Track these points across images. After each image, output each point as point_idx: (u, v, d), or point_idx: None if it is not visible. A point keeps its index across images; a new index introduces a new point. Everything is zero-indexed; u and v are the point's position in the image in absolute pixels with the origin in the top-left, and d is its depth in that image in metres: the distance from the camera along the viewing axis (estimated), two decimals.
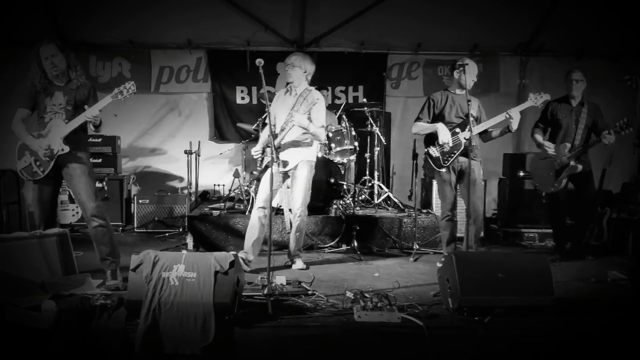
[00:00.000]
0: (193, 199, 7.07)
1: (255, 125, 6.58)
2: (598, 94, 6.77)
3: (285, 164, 4.90)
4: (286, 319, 3.59)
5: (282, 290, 4.10)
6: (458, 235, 5.23)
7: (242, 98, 8.05)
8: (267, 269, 3.94)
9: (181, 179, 8.02)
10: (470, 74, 4.98)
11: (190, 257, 3.63)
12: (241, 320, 3.52)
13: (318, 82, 7.73)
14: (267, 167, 4.84)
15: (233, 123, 7.95)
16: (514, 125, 4.88)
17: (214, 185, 7.81)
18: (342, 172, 6.34)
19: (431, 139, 5.09)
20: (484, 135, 5.10)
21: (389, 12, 7.36)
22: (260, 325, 3.50)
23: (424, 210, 6.31)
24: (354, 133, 6.36)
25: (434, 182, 6.40)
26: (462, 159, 4.96)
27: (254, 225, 4.90)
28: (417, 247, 5.66)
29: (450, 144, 4.90)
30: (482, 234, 5.36)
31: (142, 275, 3.57)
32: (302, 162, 4.93)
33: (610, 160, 6.73)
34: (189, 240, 5.82)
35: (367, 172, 6.77)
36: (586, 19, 7.33)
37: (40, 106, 4.43)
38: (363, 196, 6.57)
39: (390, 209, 6.48)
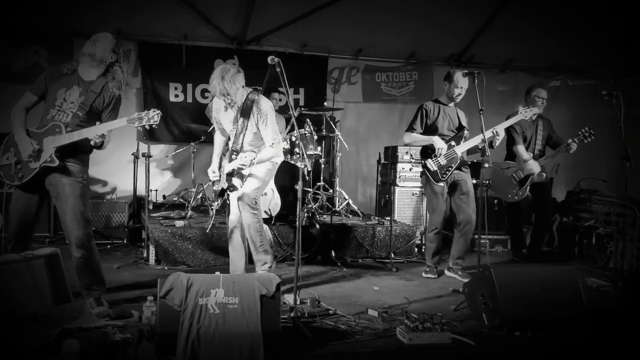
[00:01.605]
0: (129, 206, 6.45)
1: (211, 128, 6.13)
2: (519, 102, 7.14)
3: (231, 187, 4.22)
4: (333, 345, 3.35)
5: (304, 311, 3.81)
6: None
7: (176, 95, 7.49)
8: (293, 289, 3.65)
9: (105, 183, 7.28)
10: (459, 86, 5.01)
11: (229, 280, 3.25)
12: (288, 350, 3.22)
13: (256, 82, 7.52)
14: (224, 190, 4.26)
15: (165, 122, 7.35)
16: (497, 142, 4.96)
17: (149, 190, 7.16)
18: (307, 178, 6.09)
19: (426, 151, 5.05)
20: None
21: (332, 16, 7.21)
22: (310, 354, 3.22)
23: (387, 219, 6.25)
24: (316, 137, 6.13)
25: (396, 190, 6.38)
26: (455, 171, 4.98)
27: (238, 246, 4.39)
28: (393, 256, 5.59)
29: (444, 157, 4.90)
30: None
31: (173, 302, 3.14)
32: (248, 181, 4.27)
33: (556, 169, 7.14)
34: (151, 255, 5.26)
35: (321, 178, 6.57)
36: (514, 36, 7.72)
37: (51, 96, 3.76)
38: (322, 203, 6.35)
39: (350, 216, 6.35)
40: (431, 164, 4.96)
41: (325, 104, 7.16)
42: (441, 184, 4.96)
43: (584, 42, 7.89)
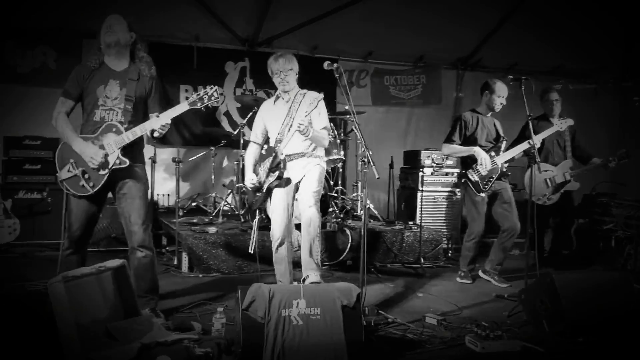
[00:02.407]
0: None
1: (237, 130, 6.04)
2: (519, 105, 7.25)
3: (288, 181, 4.16)
4: (410, 355, 3.33)
5: (370, 320, 3.77)
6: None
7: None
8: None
9: None
10: (500, 96, 5.04)
11: (309, 291, 3.20)
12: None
13: (268, 85, 7.46)
14: (269, 188, 4.18)
15: (175, 125, 7.21)
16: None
17: (157, 195, 7.03)
18: (331, 182, 6.05)
19: (467, 161, 5.07)
20: None
21: (343, 20, 7.20)
22: None
23: (410, 223, 6.25)
24: (339, 141, 6.11)
25: (419, 195, 6.40)
26: (496, 181, 5.01)
27: (281, 261, 4.23)
28: (423, 261, 5.61)
29: (489, 169, 4.92)
30: None
31: (256, 314, 3.08)
32: (310, 167, 4.25)
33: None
34: (184, 262, 5.15)
35: (340, 183, 6.54)
36: (519, 42, 7.85)
37: (90, 97, 3.63)
38: (347, 208, 6.32)
39: (372, 221, 6.33)
40: (472, 174, 4.98)
41: (340, 107, 7.16)
42: (483, 194, 4.98)
43: (584, 47, 8.08)
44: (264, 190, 4.16)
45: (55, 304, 2.87)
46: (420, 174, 6.45)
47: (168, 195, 7.04)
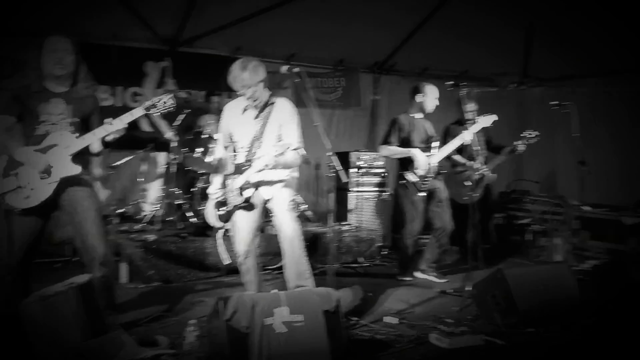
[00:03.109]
0: None
1: (168, 133, 5.86)
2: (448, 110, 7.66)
3: (249, 203, 3.97)
4: (384, 356, 3.42)
5: None
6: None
7: (105, 99, 7.00)
8: None
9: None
10: (432, 98, 5.27)
11: (291, 297, 3.20)
12: None
13: (189, 86, 7.30)
14: (235, 207, 3.96)
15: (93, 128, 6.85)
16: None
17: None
18: None
19: (404, 162, 5.24)
20: None
21: (267, 22, 7.18)
22: None
23: (344, 223, 6.37)
24: None
25: (348, 195, 6.53)
26: (432, 180, 5.23)
27: (248, 271, 4.07)
28: (361, 260, 5.76)
29: (427, 169, 5.13)
30: None
31: (240, 324, 3.04)
32: (279, 190, 4.04)
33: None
34: (123, 273, 4.93)
35: None
36: (431, 48, 8.21)
37: (30, 114, 3.42)
38: None
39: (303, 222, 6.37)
40: (411, 175, 5.16)
41: None
42: (422, 194, 5.18)
43: (488, 54, 8.58)
44: (230, 209, 3.98)
45: (31, 325, 2.67)
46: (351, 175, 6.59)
47: None
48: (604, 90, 8.27)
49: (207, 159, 5.75)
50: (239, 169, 3.98)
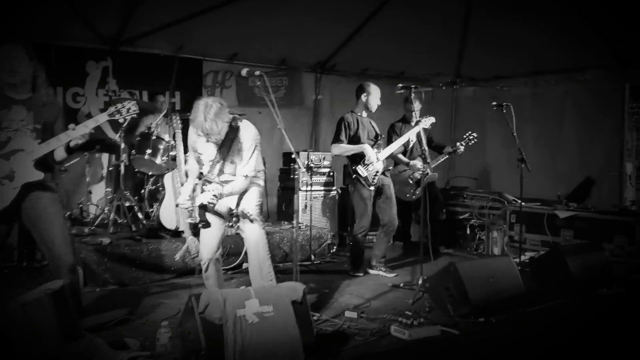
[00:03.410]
0: None
1: (118, 135, 5.78)
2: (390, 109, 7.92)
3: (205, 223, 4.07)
4: (350, 349, 3.58)
5: None
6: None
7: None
8: None
9: None
10: (376, 97, 5.48)
11: (259, 291, 3.34)
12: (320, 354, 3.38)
13: (130, 85, 7.21)
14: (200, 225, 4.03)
15: None
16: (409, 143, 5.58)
17: None
18: None
19: (355, 158, 5.41)
20: None
21: (209, 21, 7.19)
22: (335, 357, 3.43)
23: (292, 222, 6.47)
24: None
25: (299, 194, 6.63)
26: (380, 176, 5.44)
27: (210, 277, 4.16)
28: (313, 258, 5.90)
29: (377, 164, 5.32)
30: None
31: (212, 317, 3.13)
32: (244, 198, 4.16)
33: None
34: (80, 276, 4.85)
35: None
36: (370, 48, 8.44)
37: None
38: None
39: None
40: (362, 170, 5.35)
41: None
42: (372, 188, 5.38)
43: (424, 56, 8.91)
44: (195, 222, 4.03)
45: (12, 331, 2.65)
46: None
47: None
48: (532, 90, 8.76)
49: (157, 161, 5.71)
50: (201, 188, 4.03)
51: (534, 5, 7.19)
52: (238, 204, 4.09)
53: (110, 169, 6.23)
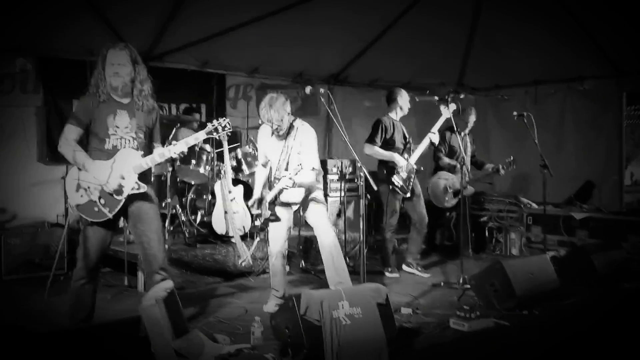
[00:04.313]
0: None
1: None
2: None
3: (287, 204, 4.59)
4: (418, 341, 3.94)
5: None
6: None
7: None
8: None
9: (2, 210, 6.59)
10: (406, 101, 5.86)
11: (349, 292, 3.65)
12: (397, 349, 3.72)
13: (159, 99, 7.46)
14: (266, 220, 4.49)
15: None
16: (435, 140, 5.97)
17: (57, 216, 6.69)
18: None
19: (387, 164, 5.73)
20: None
21: (233, 38, 7.50)
22: (414, 349, 3.79)
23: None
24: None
25: (328, 200, 6.99)
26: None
27: (277, 273, 4.64)
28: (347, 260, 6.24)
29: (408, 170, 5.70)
30: None
31: (312, 318, 3.45)
32: (314, 203, 4.61)
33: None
34: (140, 282, 5.14)
35: None
36: (379, 61, 8.86)
37: (99, 126, 3.63)
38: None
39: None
40: (397, 180, 5.70)
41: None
42: (407, 195, 5.74)
43: (428, 66, 9.37)
44: (262, 221, 4.48)
45: (151, 326, 2.95)
46: (327, 180, 7.08)
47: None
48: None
49: (201, 170, 6.01)
50: (271, 185, 4.49)
51: (536, 19, 7.67)
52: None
53: (152, 179, 6.49)
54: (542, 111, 9.05)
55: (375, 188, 4.26)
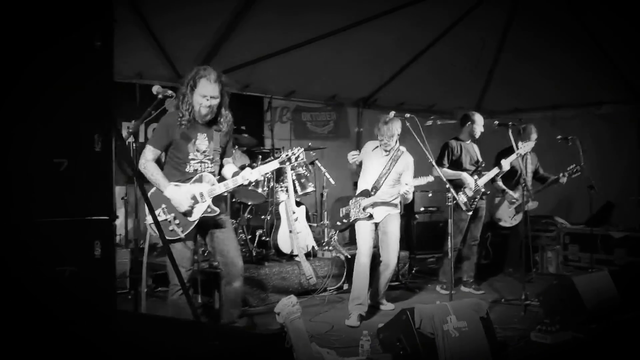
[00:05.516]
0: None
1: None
2: (408, 140, 8.59)
3: (371, 217, 5.15)
4: (511, 351, 4.14)
5: None
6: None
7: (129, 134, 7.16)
8: None
9: None
10: (479, 125, 6.10)
11: (454, 307, 3.83)
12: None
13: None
14: (356, 219, 5.10)
15: (118, 162, 7.02)
16: (505, 167, 6.19)
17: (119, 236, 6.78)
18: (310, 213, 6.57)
19: (457, 182, 5.95)
20: None
21: (272, 64, 7.73)
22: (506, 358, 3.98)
23: None
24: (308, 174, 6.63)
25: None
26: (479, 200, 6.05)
27: (364, 275, 5.01)
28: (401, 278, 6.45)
29: (475, 190, 5.92)
30: None
31: (426, 331, 3.63)
32: (390, 216, 5.21)
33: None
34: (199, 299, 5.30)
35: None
36: (406, 86, 9.17)
37: (179, 149, 3.83)
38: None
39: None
40: (462, 196, 5.92)
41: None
42: (469, 213, 5.97)
43: (450, 91, 9.71)
44: (351, 221, 5.01)
45: (296, 338, 3.10)
46: None
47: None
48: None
49: (259, 190, 6.16)
50: (366, 193, 5.00)
51: (559, 43, 8.01)
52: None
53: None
54: (560, 133, 9.42)
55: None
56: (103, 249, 1.91)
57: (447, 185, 4.70)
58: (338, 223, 5.19)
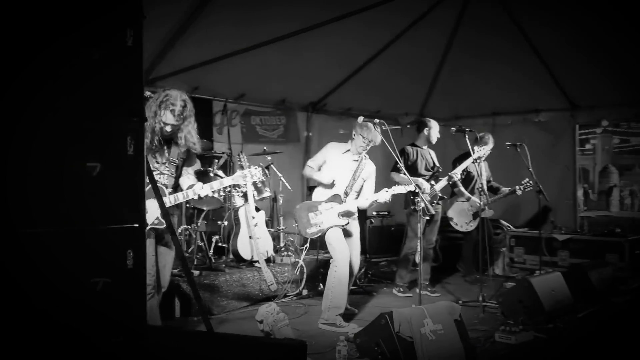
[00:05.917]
0: None
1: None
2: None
3: (348, 223, 5.16)
4: (480, 351, 4.23)
5: None
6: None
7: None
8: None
9: None
10: (436, 130, 6.21)
11: (430, 311, 3.88)
12: None
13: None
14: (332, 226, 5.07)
15: None
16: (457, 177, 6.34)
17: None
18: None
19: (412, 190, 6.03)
20: None
21: (222, 66, 7.61)
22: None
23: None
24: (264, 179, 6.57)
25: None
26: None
27: (345, 283, 5.03)
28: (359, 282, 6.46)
29: (432, 195, 6.03)
30: None
31: (405, 335, 3.66)
32: (353, 220, 5.24)
33: None
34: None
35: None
36: (353, 91, 9.23)
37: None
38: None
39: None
40: (419, 202, 5.99)
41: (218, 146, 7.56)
42: (427, 217, 6.04)
43: (395, 97, 9.87)
44: (326, 228, 4.91)
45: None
46: None
47: None
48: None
49: (215, 196, 6.04)
50: (337, 199, 4.98)
51: (501, 53, 8.31)
52: None
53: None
54: (499, 139, 9.75)
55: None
56: (135, 259, 1.78)
57: (414, 189, 4.74)
58: (310, 230, 5.00)
